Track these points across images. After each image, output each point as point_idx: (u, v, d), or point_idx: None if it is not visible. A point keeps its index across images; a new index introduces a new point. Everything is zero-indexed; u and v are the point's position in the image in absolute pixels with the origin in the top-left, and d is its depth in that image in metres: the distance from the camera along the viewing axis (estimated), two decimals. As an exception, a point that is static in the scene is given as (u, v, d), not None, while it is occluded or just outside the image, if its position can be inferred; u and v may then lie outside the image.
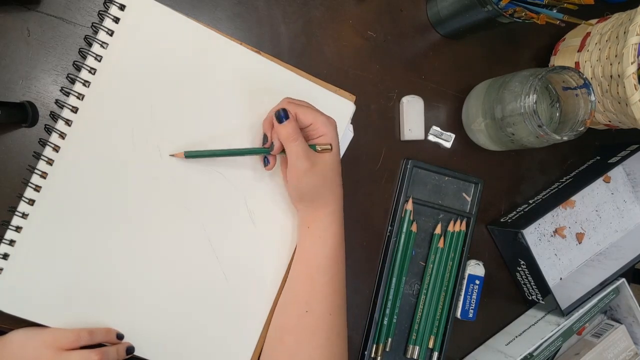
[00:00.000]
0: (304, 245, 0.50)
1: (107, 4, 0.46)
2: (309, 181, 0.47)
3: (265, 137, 0.49)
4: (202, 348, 0.50)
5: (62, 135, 0.45)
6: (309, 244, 0.50)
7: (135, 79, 0.47)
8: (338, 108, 0.54)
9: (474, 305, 0.61)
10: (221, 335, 0.50)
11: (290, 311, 0.50)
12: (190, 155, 0.48)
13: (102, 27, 0.46)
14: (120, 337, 0.47)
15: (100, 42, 0.46)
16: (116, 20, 0.46)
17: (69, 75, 0.46)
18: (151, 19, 0.48)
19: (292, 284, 0.50)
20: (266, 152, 0.49)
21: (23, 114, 0.46)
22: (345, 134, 0.56)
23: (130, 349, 0.47)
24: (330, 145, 0.48)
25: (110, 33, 0.46)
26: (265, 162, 0.50)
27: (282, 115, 0.46)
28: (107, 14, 0.46)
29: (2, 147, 0.47)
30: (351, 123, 0.56)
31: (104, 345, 0.46)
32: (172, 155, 0.48)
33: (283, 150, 0.48)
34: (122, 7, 0.47)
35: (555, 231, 0.66)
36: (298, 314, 0.48)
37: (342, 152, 0.56)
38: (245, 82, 0.51)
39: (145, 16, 0.47)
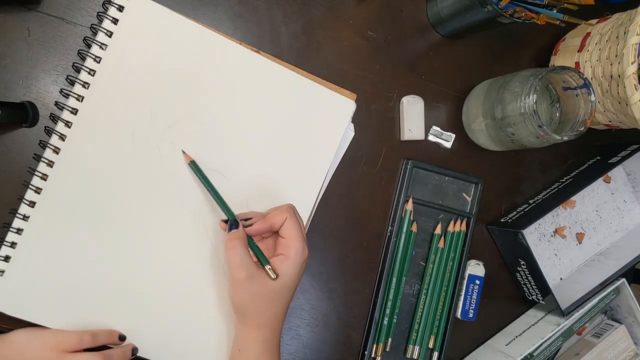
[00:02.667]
0: None
1: (106, 5, 0.46)
2: (241, 295, 0.44)
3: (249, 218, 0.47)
4: (204, 347, 0.50)
5: (62, 137, 0.45)
6: None
7: (134, 80, 0.47)
8: (339, 107, 0.54)
9: (474, 305, 0.61)
10: (223, 335, 0.50)
11: None
12: (193, 167, 0.48)
13: (100, 28, 0.46)
14: (122, 338, 0.47)
15: (100, 44, 0.46)
16: (115, 21, 0.46)
17: (69, 77, 0.46)
18: (150, 19, 0.48)
19: None
20: (231, 223, 0.46)
21: (23, 114, 0.46)
22: (346, 134, 0.56)
23: (134, 350, 0.47)
24: (277, 275, 0.44)
25: (109, 34, 0.46)
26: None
27: (230, 225, 0.45)
28: (106, 15, 0.46)
29: (2, 147, 0.47)
30: (351, 122, 0.56)
31: (107, 347, 0.46)
32: (183, 152, 0.48)
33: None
34: (120, 8, 0.47)
35: (556, 231, 0.66)
36: None
37: (342, 152, 0.56)
38: (245, 82, 0.51)
39: (143, 17, 0.47)
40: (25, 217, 0.45)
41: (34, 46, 0.48)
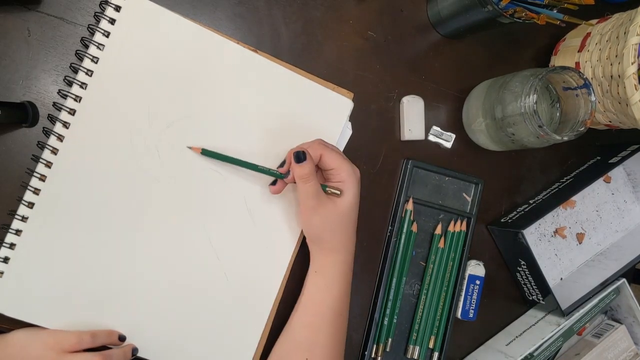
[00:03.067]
0: (309, 291, 0.50)
1: (103, 5, 0.46)
2: (316, 221, 0.47)
3: (284, 162, 0.50)
4: (204, 347, 0.50)
5: (60, 138, 0.45)
6: (315, 291, 0.50)
7: (132, 80, 0.47)
8: (336, 105, 0.54)
9: (474, 305, 0.61)
10: (223, 334, 0.50)
11: (290, 359, 0.49)
12: (206, 153, 0.48)
13: (98, 28, 0.46)
14: (122, 338, 0.47)
15: (97, 44, 0.46)
16: (112, 21, 0.46)
17: (66, 78, 0.46)
18: (147, 19, 0.48)
19: (294, 332, 0.50)
20: (279, 177, 0.49)
21: (23, 114, 0.46)
22: (344, 132, 0.56)
23: (134, 351, 0.47)
24: (340, 191, 0.48)
25: (107, 34, 0.46)
26: (273, 183, 0.50)
27: (300, 156, 0.46)
28: (103, 16, 0.46)
29: (2, 147, 0.47)
30: (349, 120, 0.56)
31: (107, 348, 0.46)
32: (190, 148, 0.49)
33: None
34: (117, 8, 0.46)
35: (556, 231, 0.65)
36: None
37: (341, 149, 0.56)
38: (243, 82, 0.51)
39: (141, 17, 0.47)
40: (24, 218, 0.45)
41: (34, 46, 0.48)
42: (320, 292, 0.49)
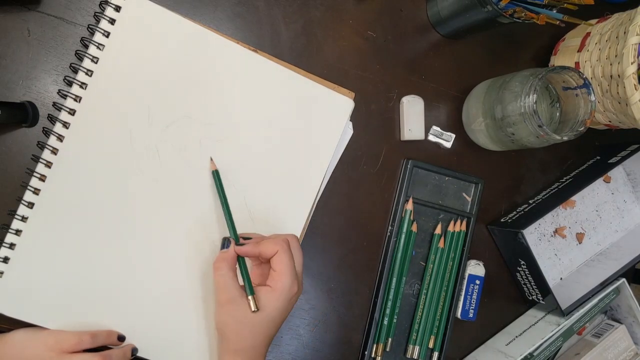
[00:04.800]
0: None
1: (103, 5, 0.46)
2: (221, 316, 0.44)
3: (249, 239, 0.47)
4: (204, 347, 0.50)
5: (60, 138, 0.45)
6: None
7: (132, 80, 0.47)
8: (337, 105, 0.54)
9: (474, 305, 0.61)
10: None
11: None
12: (215, 176, 0.48)
13: (98, 28, 0.46)
14: (121, 338, 0.47)
15: (97, 44, 0.46)
16: (112, 21, 0.46)
17: (66, 78, 0.46)
18: (147, 19, 0.48)
19: None
20: (225, 242, 0.47)
21: (23, 114, 0.46)
22: (345, 132, 0.56)
23: (134, 351, 0.47)
24: (257, 309, 0.43)
25: (107, 34, 0.46)
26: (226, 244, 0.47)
27: (224, 243, 0.46)
28: (103, 16, 0.46)
29: (2, 147, 0.47)
30: (350, 120, 0.56)
31: (107, 348, 0.46)
32: (211, 159, 0.49)
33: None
34: (117, 9, 0.46)
35: (556, 231, 0.66)
36: None
37: (341, 150, 0.56)
38: (243, 81, 0.51)
39: (141, 17, 0.47)
40: (24, 218, 0.45)
41: (34, 46, 0.48)
42: None
